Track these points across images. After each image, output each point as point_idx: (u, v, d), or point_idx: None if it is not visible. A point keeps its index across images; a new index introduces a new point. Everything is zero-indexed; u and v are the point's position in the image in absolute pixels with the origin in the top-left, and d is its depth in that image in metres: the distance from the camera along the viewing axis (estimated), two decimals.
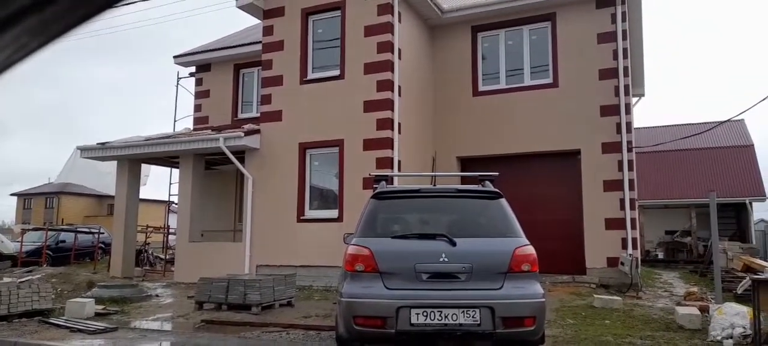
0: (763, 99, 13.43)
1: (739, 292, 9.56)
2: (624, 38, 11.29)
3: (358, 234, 4.88)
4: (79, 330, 7.05)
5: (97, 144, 13.19)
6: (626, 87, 11.21)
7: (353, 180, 10.82)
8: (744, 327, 6.11)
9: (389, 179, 6.15)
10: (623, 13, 11.36)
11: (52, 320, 7.66)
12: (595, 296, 8.78)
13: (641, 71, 15.27)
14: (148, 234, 18.22)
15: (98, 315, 8.12)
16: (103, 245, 19.08)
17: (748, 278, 9.51)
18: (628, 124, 11.19)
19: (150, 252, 17.59)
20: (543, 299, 4.54)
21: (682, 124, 26.80)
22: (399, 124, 11.01)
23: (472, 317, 4.35)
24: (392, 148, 10.76)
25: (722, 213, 17.01)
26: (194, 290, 9.04)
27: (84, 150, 13.51)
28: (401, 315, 4.37)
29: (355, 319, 4.46)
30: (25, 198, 44.92)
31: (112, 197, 15.24)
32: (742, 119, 27.27)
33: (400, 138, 10.99)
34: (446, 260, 4.53)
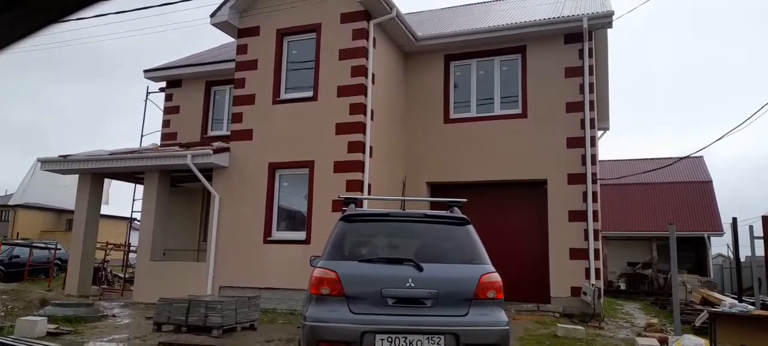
0: (721, 137, 13.98)
1: (697, 324, 9.82)
2: (590, 73, 11.66)
3: (325, 257, 4.82)
4: None
5: (59, 156, 12.77)
6: (592, 120, 11.53)
7: (322, 202, 10.75)
8: None
9: (359, 202, 6.13)
10: (590, 50, 11.75)
11: None
12: (559, 325, 8.86)
13: (606, 105, 15.77)
14: (107, 251, 17.63)
15: (50, 335, 7.76)
16: (59, 262, 18.35)
17: (706, 311, 9.77)
18: (593, 157, 11.48)
19: (108, 270, 17.01)
20: (507, 327, 4.56)
21: (645, 159, 27.69)
22: (370, 147, 11.04)
23: (437, 343, 4.33)
24: (363, 172, 10.75)
25: (682, 247, 17.50)
26: (153, 310, 8.75)
27: (45, 162, 13.06)
28: (366, 340, 4.31)
29: (319, 343, 4.38)
30: None
31: (72, 212, 14.72)
32: (702, 156, 28.36)
33: (371, 161, 11.00)
34: (413, 285, 4.51)
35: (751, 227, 10.43)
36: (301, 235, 10.92)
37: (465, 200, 5.75)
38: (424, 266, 4.61)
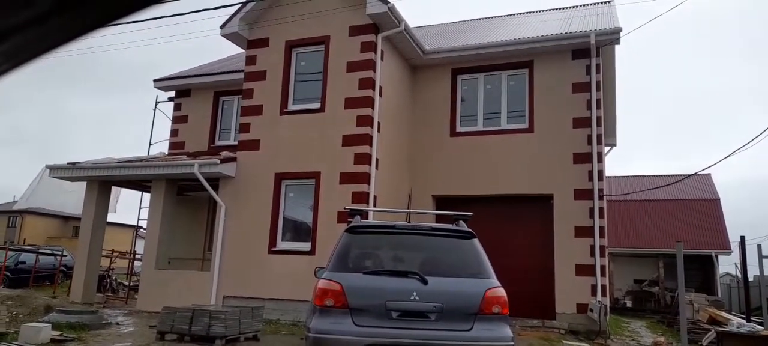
0: (728, 155, 13.90)
1: (705, 344, 9.70)
2: (597, 89, 11.65)
3: (330, 268, 4.82)
4: None
5: (68, 164, 12.87)
6: (599, 136, 11.50)
7: (328, 213, 10.75)
8: None
9: (364, 214, 6.13)
10: (597, 65, 11.75)
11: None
12: (564, 341, 8.79)
13: (613, 121, 15.73)
14: (112, 259, 17.67)
15: (54, 341, 7.77)
16: (64, 268, 18.41)
17: (713, 330, 9.67)
18: (600, 173, 11.43)
19: (113, 278, 17.04)
20: (512, 342, 4.53)
21: (652, 175, 27.54)
22: (377, 159, 11.05)
23: None
24: (369, 183, 10.76)
25: (689, 265, 17.34)
26: (157, 319, 8.75)
27: (53, 169, 13.16)
28: None
29: None
30: None
31: (78, 219, 14.80)
32: (709, 173, 28.17)
33: (377, 173, 11.01)
34: (417, 298, 4.49)
35: (759, 246, 10.35)
36: (306, 246, 10.92)
37: (471, 213, 5.73)
38: (429, 279, 4.59)
